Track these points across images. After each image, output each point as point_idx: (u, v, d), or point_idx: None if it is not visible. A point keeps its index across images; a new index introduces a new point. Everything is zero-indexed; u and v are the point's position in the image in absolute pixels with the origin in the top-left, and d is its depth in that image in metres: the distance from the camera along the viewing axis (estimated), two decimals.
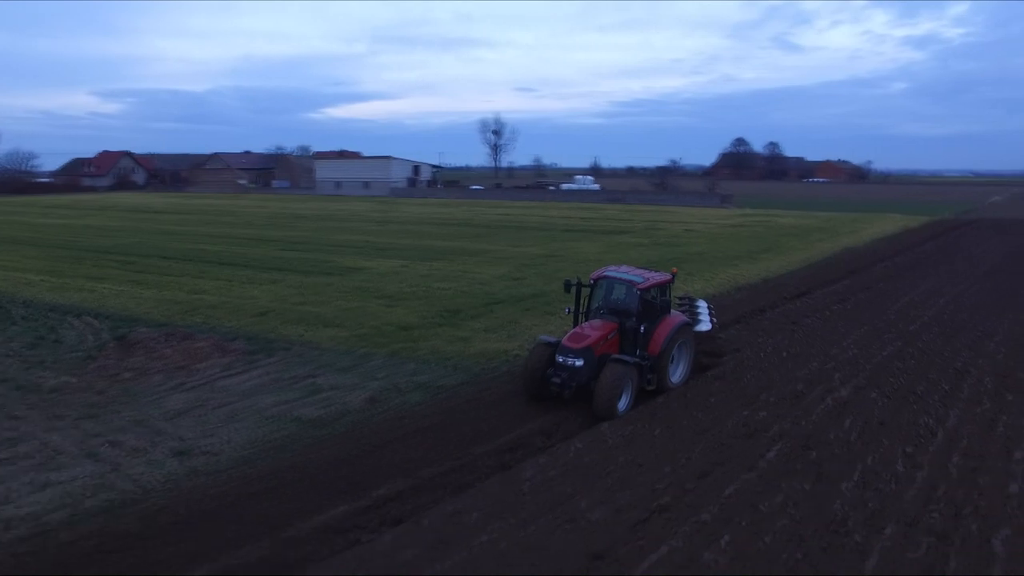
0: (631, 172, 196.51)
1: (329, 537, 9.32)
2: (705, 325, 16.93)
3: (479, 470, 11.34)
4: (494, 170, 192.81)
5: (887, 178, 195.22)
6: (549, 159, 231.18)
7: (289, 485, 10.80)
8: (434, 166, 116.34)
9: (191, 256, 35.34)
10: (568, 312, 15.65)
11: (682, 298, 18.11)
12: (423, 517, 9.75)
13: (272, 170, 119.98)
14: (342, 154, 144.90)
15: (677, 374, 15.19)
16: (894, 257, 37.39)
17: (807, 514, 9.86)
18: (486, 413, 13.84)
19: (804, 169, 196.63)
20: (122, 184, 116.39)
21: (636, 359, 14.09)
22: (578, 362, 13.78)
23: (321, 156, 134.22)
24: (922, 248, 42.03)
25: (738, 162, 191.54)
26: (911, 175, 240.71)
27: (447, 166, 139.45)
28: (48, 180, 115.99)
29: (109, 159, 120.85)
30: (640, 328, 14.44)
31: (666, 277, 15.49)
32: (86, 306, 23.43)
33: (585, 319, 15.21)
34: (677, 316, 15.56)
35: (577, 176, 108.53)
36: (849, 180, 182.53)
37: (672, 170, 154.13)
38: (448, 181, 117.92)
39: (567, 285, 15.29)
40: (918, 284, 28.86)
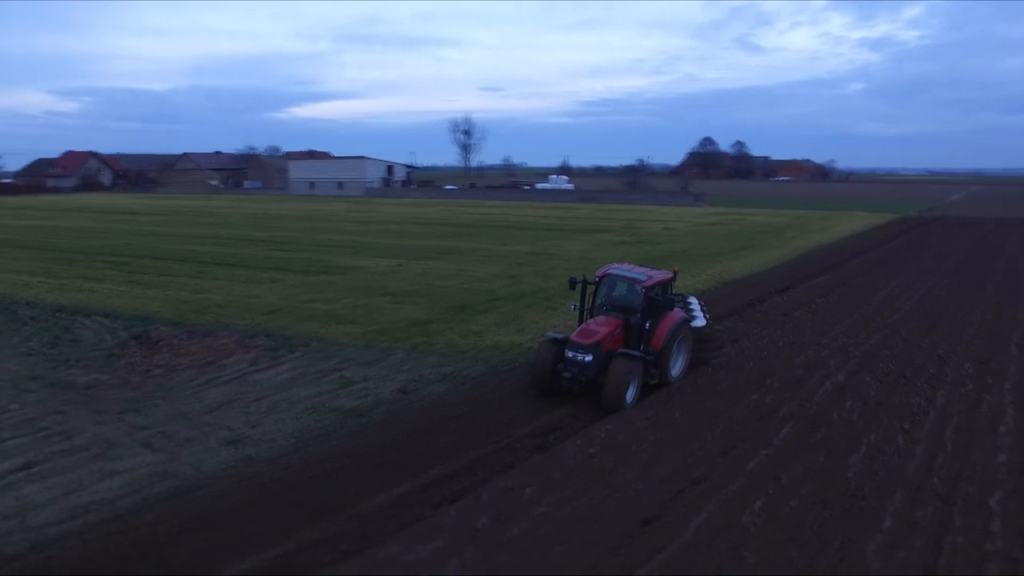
0: (599, 171, 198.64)
1: (398, 512, 10.06)
2: (700, 321, 17.74)
3: (520, 451, 12.18)
4: (464, 170, 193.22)
5: (848, 177, 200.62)
6: (518, 159, 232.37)
7: (345, 469, 11.50)
8: (408, 166, 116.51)
9: (183, 257, 35.44)
10: (573, 309, 16.31)
11: (673, 296, 18.99)
12: (480, 493, 10.55)
13: (244, 170, 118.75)
14: (311, 154, 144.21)
15: (676, 368, 15.86)
16: (866, 253, 39.16)
17: (824, 483, 10.92)
18: (513, 400, 14.67)
19: (769, 168, 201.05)
20: (88, 185, 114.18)
21: (641, 354, 14.75)
22: (587, 357, 14.28)
23: (292, 156, 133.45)
24: (891, 244, 43.99)
25: (706, 161, 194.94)
26: (870, 173, 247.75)
27: (417, 166, 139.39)
28: (10, 181, 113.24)
29: (75, 159, 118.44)
30: (645, 324, 15.17)
31: (668, 275, 16.24)
32: (92, 306, 23.61)
33: (590, 315, 15.82)
34: (677, 312, 16.28)
35: (552, 176, 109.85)
36: (812, 179, 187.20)
37: (640, 169, 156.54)
38: (422, 181, 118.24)
39: (572, 282, 15.89)
40: (893, 278, 30.47)
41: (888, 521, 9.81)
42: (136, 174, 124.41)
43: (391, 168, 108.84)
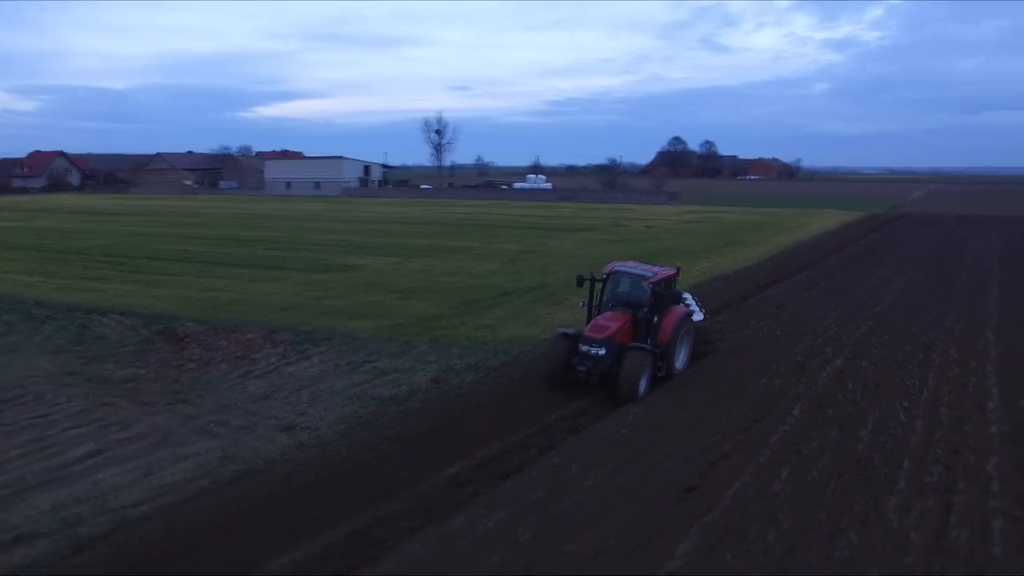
0: (571, 170, 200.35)
1: (454, 490, 10.89)
2: (698, 315, 18.74)
3: (556, 433, 13.10)
4: (437, 169, 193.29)
5: (814, 175, 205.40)
6: (488, 158, 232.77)
7: (395, 452, 12.29)
8: (384, 166, 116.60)
9: (178, 257, 35.64)
10: (582, 305, 16.94)
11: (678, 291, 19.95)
12: (529, 471, 11.45)
13: (218, 171, 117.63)
14: (285, 154, 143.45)
15: (680, 360, 16.60)
16: (843, 249, 40.90)
17: (840, 455, 12.06)
18: (538, 389, 15.55)
19: (737, 167, 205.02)
20: (57, 185, 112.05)
21: (650, 347, 15.53)
22: (601, 351, 14.86)
23: (266, 156, 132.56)
24: (865, 241, 45.89)
25: (675, 160, 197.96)
26: (833, 172, 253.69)
27: (390, 166, 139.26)
28: None
29: (42, 159, 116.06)
30: (653, 318, 15.91)
31: (672, 271, 17.11)
32: (104, 305, 23.90)
33: (598, 311, 16.50)
34: (681, 307, 17.11)
35: (529, 175, 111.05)
36: (779, 177, 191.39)
37: (615, 169, 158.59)
38: (398, 181, 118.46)
39: (580, 280, 16.50)
40: (872, 272, 32.09)
41: (901, 485, 10.96)
42: (105, 174, 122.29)
43: (368, 168, 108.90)
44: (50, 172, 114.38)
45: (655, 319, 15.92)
